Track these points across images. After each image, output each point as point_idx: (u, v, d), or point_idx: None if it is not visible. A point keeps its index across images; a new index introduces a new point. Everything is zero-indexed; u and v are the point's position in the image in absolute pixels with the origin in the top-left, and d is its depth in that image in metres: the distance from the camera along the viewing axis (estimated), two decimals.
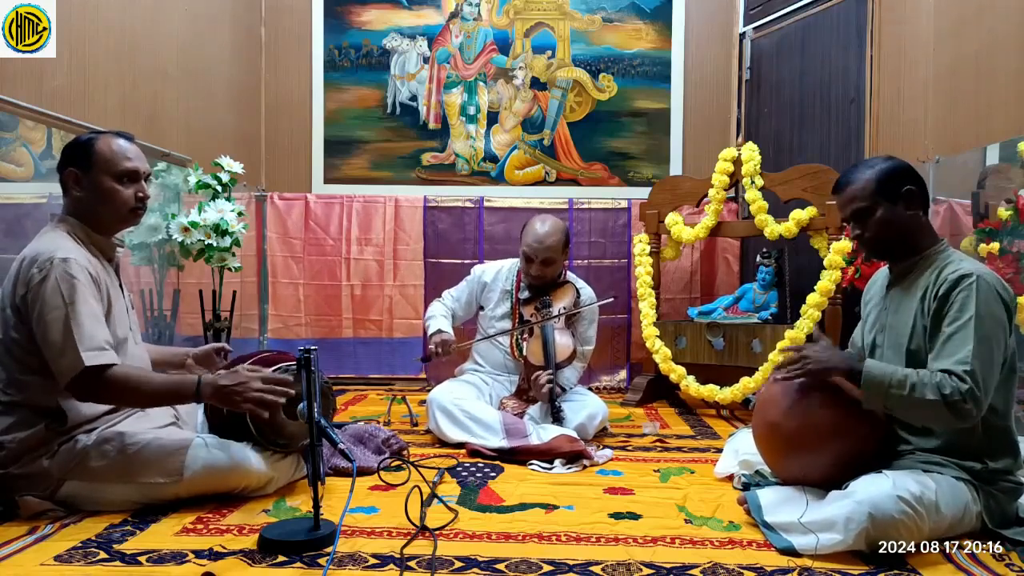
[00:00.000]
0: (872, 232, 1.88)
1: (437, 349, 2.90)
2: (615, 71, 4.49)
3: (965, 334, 1.69)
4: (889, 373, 1.74)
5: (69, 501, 1.90)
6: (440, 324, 3.00)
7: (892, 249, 1.92)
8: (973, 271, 1.75)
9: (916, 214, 1.87)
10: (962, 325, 1.70)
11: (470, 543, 1.75)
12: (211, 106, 3.97)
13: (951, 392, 1.65)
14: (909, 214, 1.86)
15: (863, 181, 1.88)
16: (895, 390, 1.71)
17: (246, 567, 1.59)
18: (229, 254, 3.19)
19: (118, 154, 1.99)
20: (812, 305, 3.17)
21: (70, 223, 1.99)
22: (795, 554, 1.67)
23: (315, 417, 1.74)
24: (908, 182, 1.86)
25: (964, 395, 1.65)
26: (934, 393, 1.67)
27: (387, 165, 4.52)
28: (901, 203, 1.86)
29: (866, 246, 1.94)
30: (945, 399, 1.66)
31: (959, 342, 1.70)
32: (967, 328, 1.69)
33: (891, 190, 1.85)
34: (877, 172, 1.87)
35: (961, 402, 1.65)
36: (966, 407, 1.65)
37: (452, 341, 2.94)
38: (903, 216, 1.86)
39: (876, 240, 1.90)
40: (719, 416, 3.45)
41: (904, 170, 1.88)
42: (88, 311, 1.85)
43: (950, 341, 1.71)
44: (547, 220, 2.99)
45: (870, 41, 3.45)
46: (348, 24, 4.50)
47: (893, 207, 1.86)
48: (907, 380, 1.70)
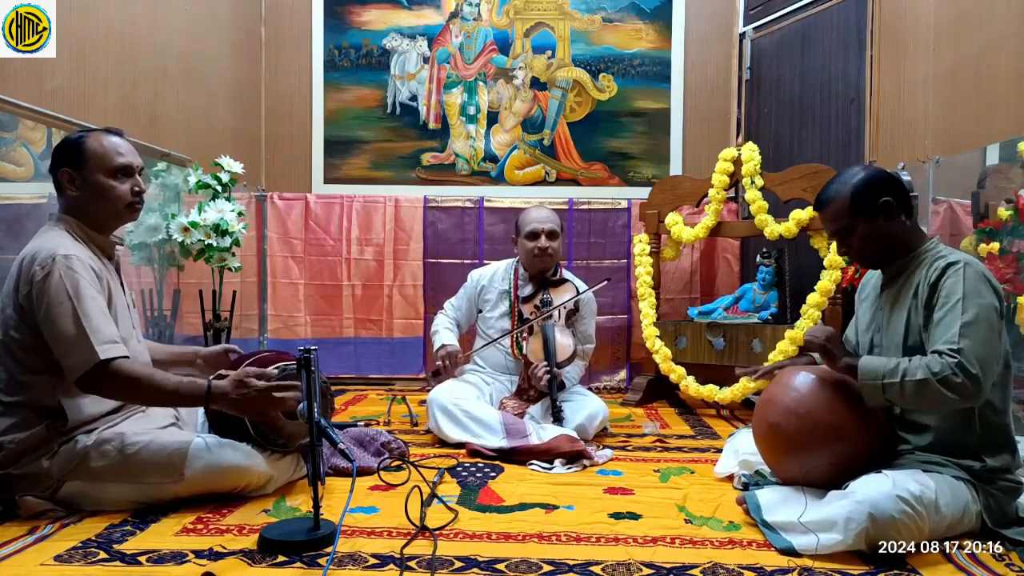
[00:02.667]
0: (856, 248, 1.91)
1: (445, 363, 2.92)
2: (615, 71, 4.49)
3: (952, 316, 1.71)
4: (883, 364, 1.75)
5: (69, 501, 1.90)
6: (444, 338, 3.03)
7: (880, 258, 1.94)
8: (960, 259, 1.78)
9: (898, 221, 1.88)
10: (950, 308, 1.72)
11: (470, 543, 1.75)
12: (211, 106, 3.97)
13: (940, 369, 1.66)
14: (890, 224, 1.87)
15: (839, 201, 1.89)
16: (888, 379, 1.72)
17: (246, 567, 1.59)
18: (229, 254, 3.19)
19: (110, 150, 1.98)
20: (812, 305, 3.17)
21: (68, 222, 1.98)
22: (795, 554, 1.67)
23: (315, 417, 1.74)
24: (883, 193, 1.86)
25: (954, 368, 1.65)
26: (924, 373, 1.67)
27: (387, 165, 4.52)
28: (880, 216, 1.86)
29: (853, 260, 1.97)
30: (936, 376, 1.66)
31: (948, 324, 1.71)
32: (954, 310, 1.71)
33: (867, 205, 1.86)
34: (851, 188, 1.87)
35: (952, 375, 1.65)
36: (957, 381, 1.64)
37: (458, 353, 2.97)
38: (883, 227, 1.87)
39: (861, 254, 1.93)
40: (719, 416, 3.45)
41: (878, 181, 1.88)
42: (95, 305, 1.86)
43: (939, 325, 1.73)
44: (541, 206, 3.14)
45: (870, 41, 3.45)
46: (348, 24, 4.50)
47: (872, 222, 1.87)
48: (898, 367, 1.72)
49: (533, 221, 3.03)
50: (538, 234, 3.00)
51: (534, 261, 3.03)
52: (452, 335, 3.06)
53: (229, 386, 1.90)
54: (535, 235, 3.00)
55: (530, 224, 3.02)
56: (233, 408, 1.92)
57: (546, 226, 3.01)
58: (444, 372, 2.94)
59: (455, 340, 3.04)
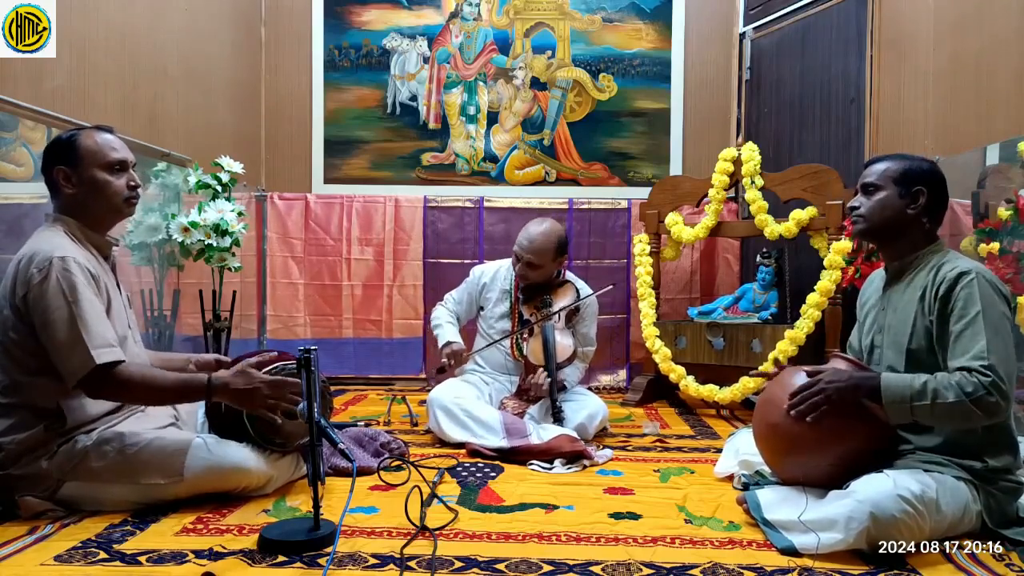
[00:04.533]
0: (867, 209, 1.92)
1: (450, 361, 2.91)
2: (615, 71, 4.49)
3: (975, 329, 1.70)
4: (908, 385, 1.72)
5: (69, 501, 1.90)
6: (449, 334, 3.01)
7: (880, 235, 1.94)
8: (971, 268, 1.77)
9: (919, 215, 1.88)
10: (970, 321, 1.71)
11: (470, 543, 1.75)
12: (211, 106, 3.97)
13: (974, 389, 1.65)
14: (911, 212, 1.87)
15: (890, 164, 1.92)
16: (917, 402, 1.70)
17: (246, 567, 1.59)
18: (229, 254, 3.19)
19: (104, 146, 1.99)
20: (812, 305, 3.17)
21: (66, 222, 1.98)
22: (796, 554, 1.67)
23: (315, 417, 1.74)
24: (925, 184, 1.88)
25: (988, 388, 1.64)
26: (956, 395, 1.66)
27: (387, 165, 4.52)
28: (908, 198, 1.88)
29: (856, 220, 1.95)
30: (969, 396, 1.65)
31: (971, 337, 1.70)
32: (976, 323, 1.70)
33: (905, 182, 1.88)
34: (907, 164, 1.91)
35: (987, 395, 1.64)
36: (992, 400, 1.64)
37: (463, 350, 2.96)
38: (902, 209, 1.88)
39: (866, 218, 1.92)
40: (719, 416, 3.45)
41: (929, 174, 1.90)
42: (92, 309, 1.85)
43: (961, 338, 1.71)
44: (545, 223, 2.96)
45: (870, 41, 3.45)
46: (348, 24, 4.50)
47: (898, 198, 1.88)
48: (927, 388, 1.69)
49: (521, 241, 2.93)
50: (519, 258, 2.95)
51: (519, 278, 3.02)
52: (455, 331, 3.05)
53: (230, 377, 1.91)
54: (516, 257, 2.97)
55: (518, 244, 2.95)
56: (235, 399, 1.92)
57: (525, 256, 2.91)
58: (448, 370, 2.94)
59: (458, 337, 3.03)
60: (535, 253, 2.90)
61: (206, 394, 1.91)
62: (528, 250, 2.90)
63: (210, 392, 1.90)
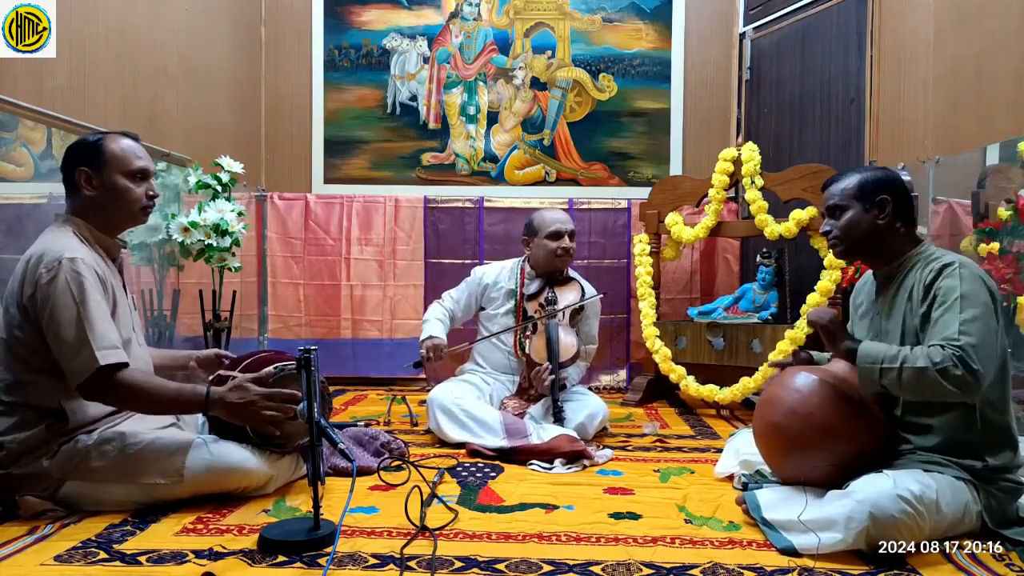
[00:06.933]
0: (838, 230, 1.95)
1: (428, 354, 2.91)
2: (615, 71, 4.49)
3: (952, 314, 1.72)
4: (883, 349, 1.76)
5: (69, 501, 1.90)
6: (432, 329, 3.00)
7: (861, 251, 1.97)
8: (955, 260, 1.80)
9: (891, 223, 1.90)
10: (949, 306, 1.73)
11: (470, 543, 1.75)
12: (211, 106, 3.97)
13: (942, 360, 1.66)
14: (881, 222, 1.90)
15: (846, 182, 1.95)
16: (887, 364, 1.73)
17: (246, 567, 1.59)
18: (229, 254, 3.19)
19: (129, 153, 2.01)
20: (812, 305, 3.17)
21: (75, 223, 1.99)
22: (795, 554, 1.67)
23: (315, 417, 1.74)
24: (886, 192, 1.90)
25: (955, 360, 1.65)
26: (924, 362, 1.68)
27: (387, 165, 4.52)
28: (874, 210, 1.90)
29: (832, 243, 1.98)
30: (936, 365, 1.66)
31: (947, 321, 1.72)
32: (953, 308, 1.72)
33: (867, 196, 1.91)
34: (861, 177, 1.94)
35: (953, 367, 1.65)
36: (958, 373, 1.65)
37: (443, 346, 2.94)
38: (872, 222, 1.90)
39: (840, 239, 1.95)
40: (719, 416, 3.45)
41: (887, 181, 1.93)
42: (99, 310, 1.86)
43: (938, 323, 1.74)
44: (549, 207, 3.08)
45: (870, 41, 3.45)
46: (348, 24, 4.50)
47: (864, 212, 1.91)
48: (899, 354, 1.73)
49: (556, 222, 3.03)
50: (562, 234, 3.01)
51: (555, 261, 3.03)
52: (441, 327, 3.03)
53: (226, 392, 1.92)
54: (558, 235, 3.01)
55: (553, 224, 3.02)
56: (230, 414, 1.93)
57: (569, 227, 3.04)
58: (426, 364, 2.94)
59: (442, 333, 3.01)
60: (573, 223, 3.08)
61: (204, 409, 1.93)
62: (568, 222, 3.07)
63: (208, 407, 1.92)
